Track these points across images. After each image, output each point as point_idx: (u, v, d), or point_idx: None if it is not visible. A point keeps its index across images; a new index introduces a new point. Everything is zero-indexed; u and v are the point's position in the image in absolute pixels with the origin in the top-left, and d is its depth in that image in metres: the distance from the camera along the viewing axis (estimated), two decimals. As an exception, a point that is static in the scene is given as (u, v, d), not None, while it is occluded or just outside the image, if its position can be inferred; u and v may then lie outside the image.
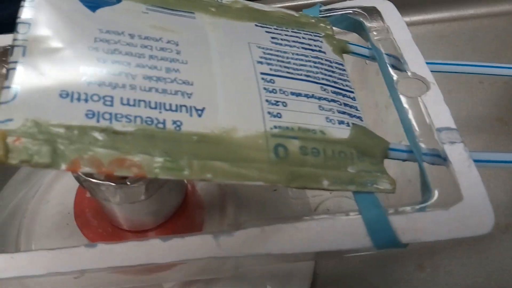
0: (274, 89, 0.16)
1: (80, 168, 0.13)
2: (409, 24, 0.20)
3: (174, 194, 0.19)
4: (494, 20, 0.36)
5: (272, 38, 0.18)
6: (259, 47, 0.17)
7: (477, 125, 0.30)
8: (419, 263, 0.25)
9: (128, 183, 0.17)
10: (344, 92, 0.18)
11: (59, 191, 0.22)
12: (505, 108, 0.29)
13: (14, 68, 0.14)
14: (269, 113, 0.16)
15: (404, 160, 0.17)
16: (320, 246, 0.15)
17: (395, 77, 0.18)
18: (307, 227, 0.15)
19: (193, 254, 0.15)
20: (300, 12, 0.20)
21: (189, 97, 0.15)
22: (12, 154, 0.13)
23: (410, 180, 0.17)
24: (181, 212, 0.20)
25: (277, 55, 0.17)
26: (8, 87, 0.14)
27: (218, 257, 0.15)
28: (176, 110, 0.15)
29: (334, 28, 0.21)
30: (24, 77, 0.14)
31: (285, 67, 0.17)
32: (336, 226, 0.15)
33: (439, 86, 0.18)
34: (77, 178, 0.18)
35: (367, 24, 0.20)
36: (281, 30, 0.19)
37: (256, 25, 0.18)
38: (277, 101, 0.16)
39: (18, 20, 0.15)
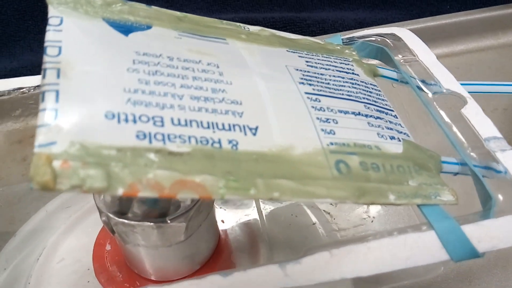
0: (321, 107, 0.16)
1: (139, 191, 0.12)
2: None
3: (211, 235, 0.18)
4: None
5: (307, 61, 0.18)
6: (297, 70, 0.17)
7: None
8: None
9: (168, 221, 0.15)
10: (386, 111, 0.17)
11: (70, 247, 0.20)
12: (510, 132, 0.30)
13: (49, 90, 0.13)
14: (322, 130, 0.15)
15: (455, 174, 0.16)
16: (396, 264, 0.14)
17: (430, 94, 0.18)
18: (378, 246, 0.14)
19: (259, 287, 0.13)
20: (324, 40, 0.20)
21: (240, 116, 0.14)
22: (61, 180, 0.11)
23: (466, 191, 0.17)
24: (215, 257, 0.18)
25: (316, 77, 0.17)
26: (45, 110, 0.12)
27: (287, 287, 0.13)
28: (229, 129, 0.14)
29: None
30: (62, 99, 0.12)
31: (326, 87, 0.17)
32: (409, 242, 0.14)
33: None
34: (107, 223, 0.16)
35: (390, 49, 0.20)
36: (312, 55, 0.18)
37: (288, 51, 0.18)
38: (328, 119, 0.15)
39: (46, 43, 0.14)
